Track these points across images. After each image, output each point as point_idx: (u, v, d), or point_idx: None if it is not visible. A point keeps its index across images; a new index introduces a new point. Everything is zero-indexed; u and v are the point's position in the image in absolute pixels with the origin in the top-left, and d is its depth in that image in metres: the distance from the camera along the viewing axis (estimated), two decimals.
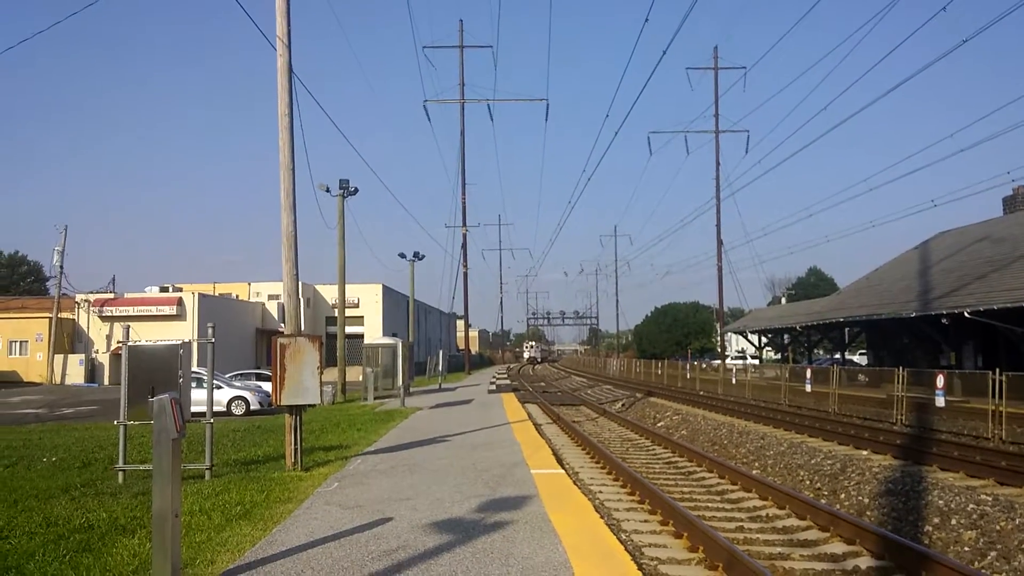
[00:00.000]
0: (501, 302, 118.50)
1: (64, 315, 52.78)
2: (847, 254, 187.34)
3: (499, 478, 11.33)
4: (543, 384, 53.60)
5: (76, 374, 50.98)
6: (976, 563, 9.28)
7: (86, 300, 53.62)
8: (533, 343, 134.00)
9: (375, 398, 31.84)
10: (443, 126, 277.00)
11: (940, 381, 20.89)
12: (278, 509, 9.30)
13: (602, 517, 9.25)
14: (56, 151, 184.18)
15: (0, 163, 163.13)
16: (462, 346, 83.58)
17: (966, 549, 9.81)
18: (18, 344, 52.27)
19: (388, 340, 38.95)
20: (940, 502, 11.43)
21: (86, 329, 53.52)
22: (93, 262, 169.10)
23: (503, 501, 9.59)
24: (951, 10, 20.29)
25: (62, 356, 51.29)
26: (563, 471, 12.51)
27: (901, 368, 23.01)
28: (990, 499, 10.96)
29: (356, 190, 34.61)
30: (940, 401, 20.82)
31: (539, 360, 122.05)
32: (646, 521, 10.69)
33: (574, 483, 11.64)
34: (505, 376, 59.24)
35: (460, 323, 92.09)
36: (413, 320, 52.64)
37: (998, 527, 9.97)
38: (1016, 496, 11.47)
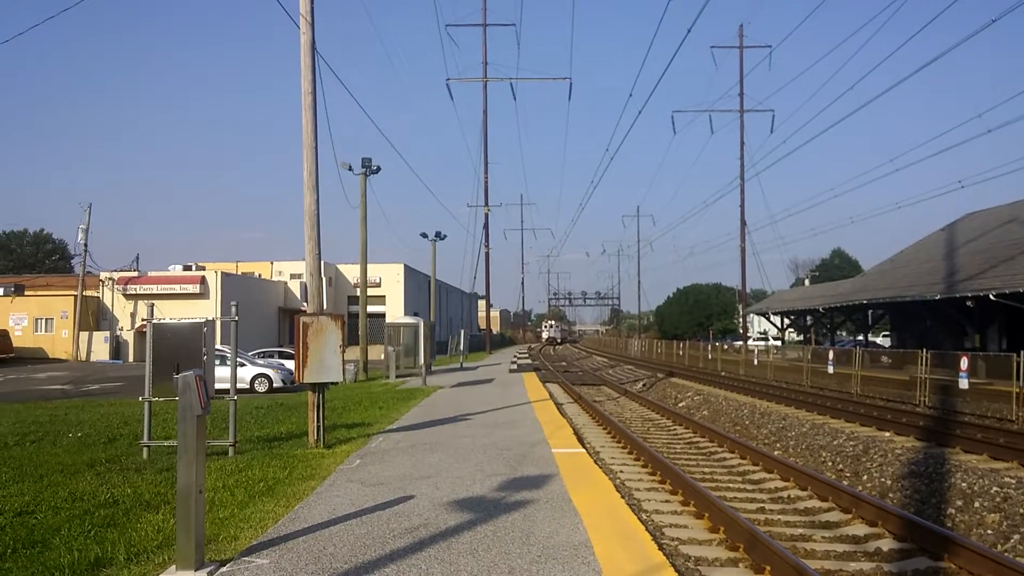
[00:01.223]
0: (523, 282, 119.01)
1: (89, 293, 53.35)
2: (872, 236, 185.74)
3: (520, 457, 11.36)
4: (564, 364, 53.64)
5: (101, 351, 51.59)
6: (999, 546, 9.21)
7: (110, 278, 54.15)
8: (552, 322, 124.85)
9: (397, 376, 32.00)
10: (466, 105, 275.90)
11: (964, 363, 20.69)
12: (301, 486, 9.38)
13: (623, 497, 9.24)
14: (80, 130, 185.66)
15: (26, 143, 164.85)
16: (483, 326, 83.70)
17: (989, 532, 9.73)
18: (44, 321, 52.92)
19: (410, 319, 39.09)
20: (963, 484, 11.34)
21: (110, 307, 54.10)
22: (117, 240, 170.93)
23: (524, 480, 9.61)
24: None
25: (87, 333, 51.89)
26: (584, 450, 12.52)
27: (924, 350, 22.80)
28: (1014, 482, 10.85)
29: (378, 169, 34.59)
30: (964, 383, 20.63)
31: (558, 341, 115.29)
32: (667, 501, 10.69)
33: (595, 462, 11.65)
34: (526, 356, 59.33)
35: (481, 303, 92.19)
36: (435, 299, 52.74)
37: (1022, 510, 9.88)
38: None
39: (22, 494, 8.93)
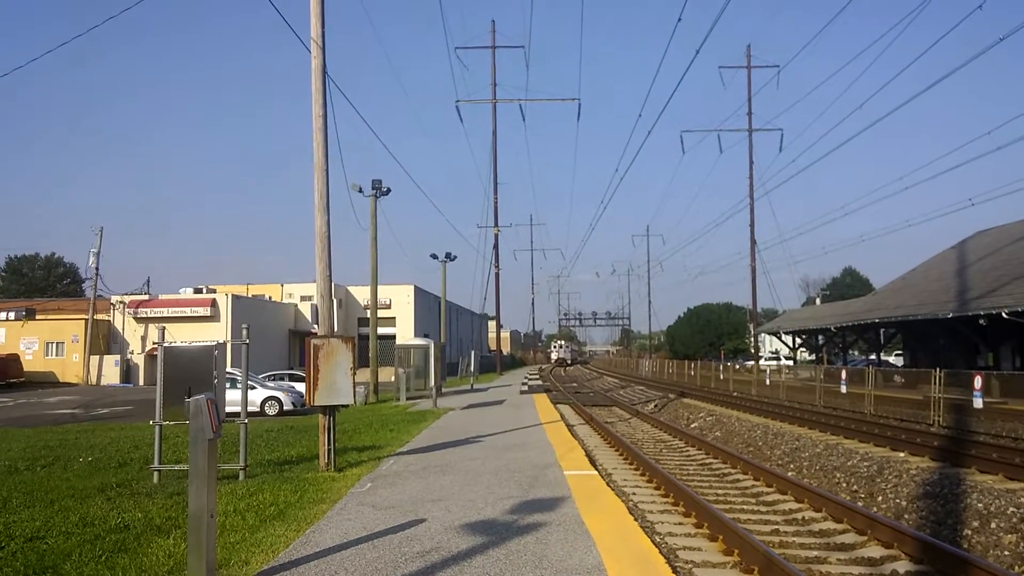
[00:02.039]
0: (532, 302, 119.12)
1: (100, 316, 53.57)
2: (883, 254, 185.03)
3: (532, 479, 11.30)
4: (575, 385, 53.48)
5: (111, 375, 51.72)
6: (1017, 567, 9.10)
7: (121, 302, 54.39)
8: (561, 342, 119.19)
9: (407, 398, 31.94)
10: (475, 126, 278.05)
11: (978, 382, 20.54)
12: (312, 510, 9.34)
13: (636, 519, 9.17)
14: (92, 154, 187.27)
15: (37, 167, 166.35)
16: (493, 347, 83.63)
17: (1006, 553, 9.61)
18: (55, 345, 53.13)
19: (420, 341, 39.10)
20: (979, 505, 11.22)
21: (121, 330, 54.30)
22: (128, 264, 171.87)
23: (536, 503, 9.55)
24: (987, 8, 19.93)
25: (98, 357, 52.05)
26: (596, 472, 12.44)
27: (938, 369, 22.64)
28: None
29: (388, 190, 34.73)
30: (978, 402, 20.46)
31: (568, 362, 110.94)
32: (680, 524, 10.59)
33: (607, 485, 11.57)
34: (537, 377, 59.18)
35: (492, 324, 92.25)
36: (445, 321, 52.78)
37: None
38: None
39: (33, 519, 8.92)
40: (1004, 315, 25.75)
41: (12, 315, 53.65)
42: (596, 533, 7.88)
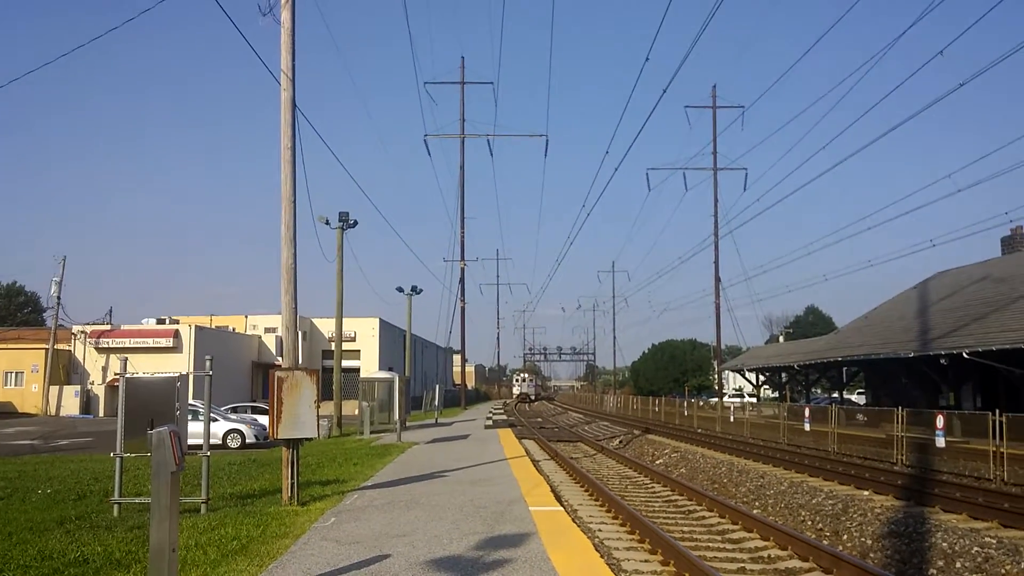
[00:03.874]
0: (498, 337, 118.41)
1: (60, 346, 52.62)
2: (845, 293, 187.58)
3: (497, 515, 11.21)
4: (540, 420, 53.31)
5: (71, 405, 50.70)
6: None
7: (82, 331, 53.51)
8: (525, 375, 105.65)
9: (371, 432, 31.63)
10: (443, 160, 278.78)
11: (940, 421, 20.81)
12: (275, 544, 9.18)
13: (602, 556, 9.13)
14: (53, 183, 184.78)
15: None
16: (458, 380, 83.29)
17: None
18: (14, 375, 52.05)
19: (385, 374, 38.82)
20: (944, 544, 11.32)
21: (82, 360, 53.33)
22: (90, 293, 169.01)
23: (502, 539, 9.48)
24: (948, 53, 20.54)
25: (58, 387, 51.06)
26: (562, 508, 12.40)
27: (900, 408, 22.93)
28: (994, 542, 10.85)
29: (355, 223, 34.70)
30: (940, 442, 20.72)
31: (532, 397, 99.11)
32: (647, 561, 10.55)
33: (573, 521, 11.52)
34: (502, 411, 58.94)
35: (456, 357, 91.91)
36: (410, 354, 52.48)
37: (1003, 571, 9.86)
38: (1021, 539, 11.36)
39: None
40: (965, 355, 26.18)
41: None
42: (562, 570, 7.83)
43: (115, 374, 33.44)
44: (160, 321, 56.20)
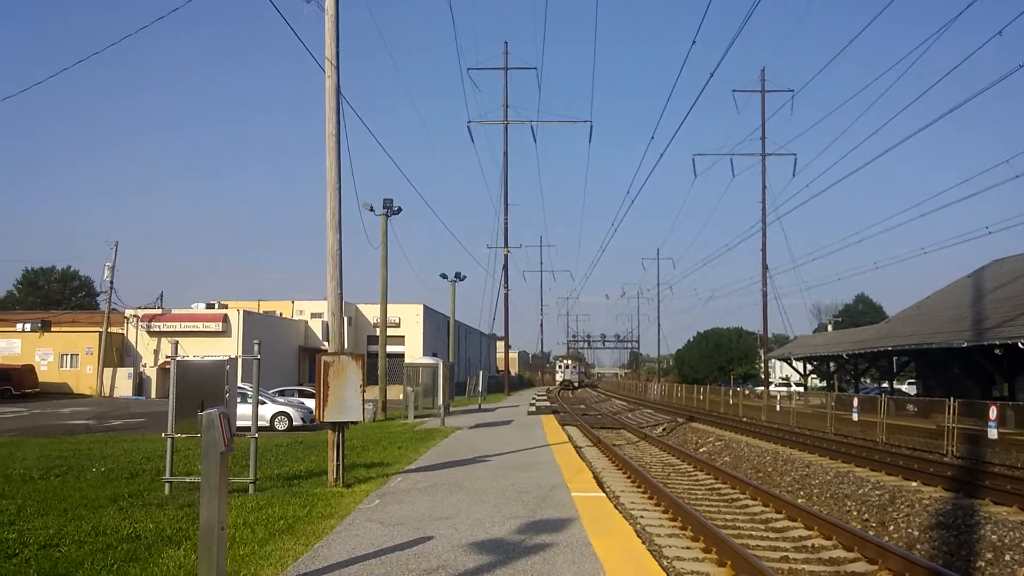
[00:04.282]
0: (541, 324, 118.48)
1: (114, 330, 53.92)
2: (896, 282, 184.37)
3: (539, 500, 11.28)
4: (583, 407, 53.31)
5: (124, 387, 51.96)
6: None
7: (135, 315, 54.75)
8: (568, 362, 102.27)
9: (415, 417, 31.94)
10: (486, 147, 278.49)
11: (993, 412, 20.36)
12: (320, 524, 9.36)
13: (644, 542, 9.14)
14: (108, 169, 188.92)
15: (54, 180, 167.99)
16: (502, 367, 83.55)
17: None
18: (69, 357, 53.44)
19: (429, 360, 39.14)
20: (993, 537, 11.12)
21: (134, 343, 54.60)
22: (142, 278, 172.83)
23: (543, 523, 9.53)
24: (1007, 34, 19.97)
25: (111, 369, 52.33)
26: (604, 494, 12.42)
27: (952, 398, 22.47)
28: None
29: (399, 210, 34.88)
30: (993, 433, 20.27)
31: (575, 384, 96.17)
32: (688, 548, 10.55)
33: (615, 507, 11.54)
34: (545, 398, 58.87)
35: (500, 344, 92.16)
36: (453, 340, 52.80)
37: None
38: None
39: (47, 527, 8.98)
40: (1020, 345, 25.55)
41: (28, 327, 54.09)
42: (603, 555, 7.86)
43: (166, 357, 34.29)
44: (209, 306, 57.25)
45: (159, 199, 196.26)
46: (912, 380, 56.61)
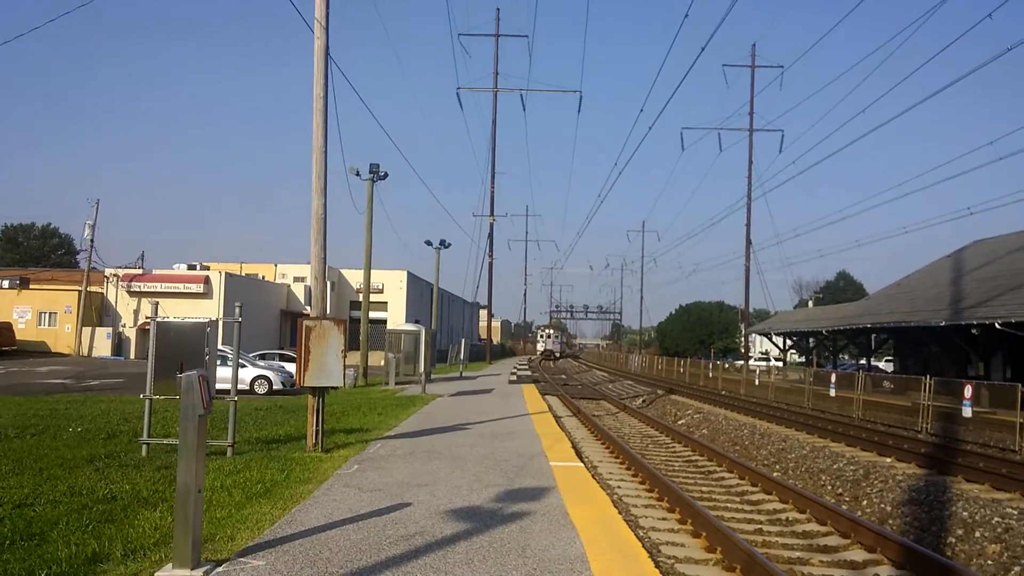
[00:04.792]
0: (525, 293, 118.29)
1: (93, 289, 53.42)
2: (878, 260, 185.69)
3: (518, 468, 11.33)
4: (564, 377, 53.55)
5: (103, 347, 51.61)
6: None
7: (115, 275, 54.22)
8: (550, 331, 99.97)
9: (396, 383, 31.96)
10: (475, 114, 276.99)
11: (968, 391, 20.62)
12: (298, 489, 9.36)
13: (620, 512, 9.20)
14: (90, 127, 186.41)
15: (35, 138, 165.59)
16: (484, 335, 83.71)
17: (989, 562, 9.67)
18: (47, 315, 52.96)
19: (411, 326, 39.11)
20: (964, 513, 11.28)
21: (114, 303, 54.16)
22: (123, 237, 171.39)
23: (521, 492, 9.58)
24: (996, 16, 19.92)
25: (90, 329, 51.92)
26: (582, 464, 12.48)
27: (928, 376, 22.73)
28: (1016, 512, 10.80)
29: (386, 175, 34.65)
30: (967, 411, 20.55)
31: (557, 355, 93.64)
32: (664, 519, 10.64)
33: (593, 477, 11.60)
34: (526, 367, 59.26)
35: (483, 312, 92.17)
36: (436, 308, 52.75)
37: (1023, 542, 9.82)
38: None
39: (21, 486, 8.93)
40: (997, 325, 25.83)
41: (6, 283, 53.53)
42: (580, 524, 7.91)
43: (146, 318, 34.06)
44: (191, 267, 56.80)
45: (142, 158, 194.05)
46: (890, 357, 57.23)
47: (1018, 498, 12.48)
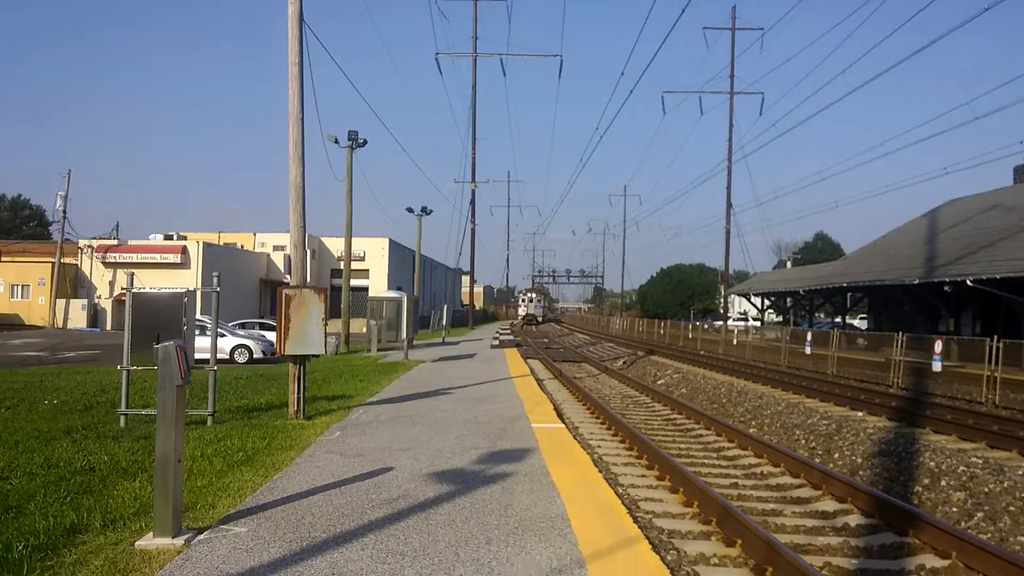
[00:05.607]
0: (507, 259, 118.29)
1: (67, 260, 52.89)
2: (856, 220, 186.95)
3: (500, 431, 11.46)
4: (546, 340, 53.79)
5: (79, 319, 51.24)
6: (963, 523, 9.42)
7: (89, 246, 53.66)
8: (532, 295, 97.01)
9: (379, 350, 32.05)
10: (455, 80, 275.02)
11: (938, 346, 21.03)
12: (280, 456, 9.43)
13: (600, 471, 9.36)
14: (61, 95, 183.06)
15: (2, 107, 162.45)
16: (467, 301, 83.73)
17: (954, 510, 9.94)
18: (20, 288, 52.43)
19: (393, 293, 39.10)
20: (931, 463, 11.56)
21: (89, 275, 53.67)
22: (97, 208, 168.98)
23: (503, 453, 9.71)
24: None
25: (64, 301, 51.48)
26: (563, 425, 12.64)
27: (900, 333, 23.10)
28: (980, 462, 11.08)
29: (365, 142, 34.41)
30: (937, 366, 20.97)
31: (539, 319, 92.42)
32: (643, 476, 10.84)
33: (574, 437, 11.76)
34: (508, 332, 59.40)
35: (465, 278, 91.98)
36: (419, 274, 52.70)
37: (986, 489, 10.10)
38: (1006, 459, 11.62)
39: None
40: (969, 282, 26.23)
41: None
42: (561, 484, 8.05)
43: (122, 288, 33.95)
44: (168, 237, 56.31)
45: (116, 126, 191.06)
46: (864, 315, 57.95)
47: (983, 448, 12.80)
